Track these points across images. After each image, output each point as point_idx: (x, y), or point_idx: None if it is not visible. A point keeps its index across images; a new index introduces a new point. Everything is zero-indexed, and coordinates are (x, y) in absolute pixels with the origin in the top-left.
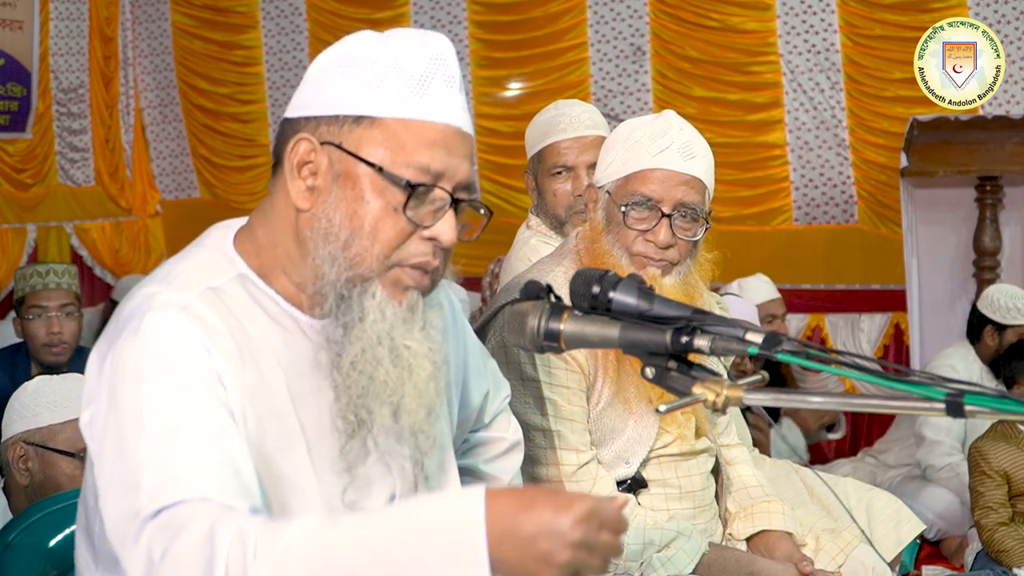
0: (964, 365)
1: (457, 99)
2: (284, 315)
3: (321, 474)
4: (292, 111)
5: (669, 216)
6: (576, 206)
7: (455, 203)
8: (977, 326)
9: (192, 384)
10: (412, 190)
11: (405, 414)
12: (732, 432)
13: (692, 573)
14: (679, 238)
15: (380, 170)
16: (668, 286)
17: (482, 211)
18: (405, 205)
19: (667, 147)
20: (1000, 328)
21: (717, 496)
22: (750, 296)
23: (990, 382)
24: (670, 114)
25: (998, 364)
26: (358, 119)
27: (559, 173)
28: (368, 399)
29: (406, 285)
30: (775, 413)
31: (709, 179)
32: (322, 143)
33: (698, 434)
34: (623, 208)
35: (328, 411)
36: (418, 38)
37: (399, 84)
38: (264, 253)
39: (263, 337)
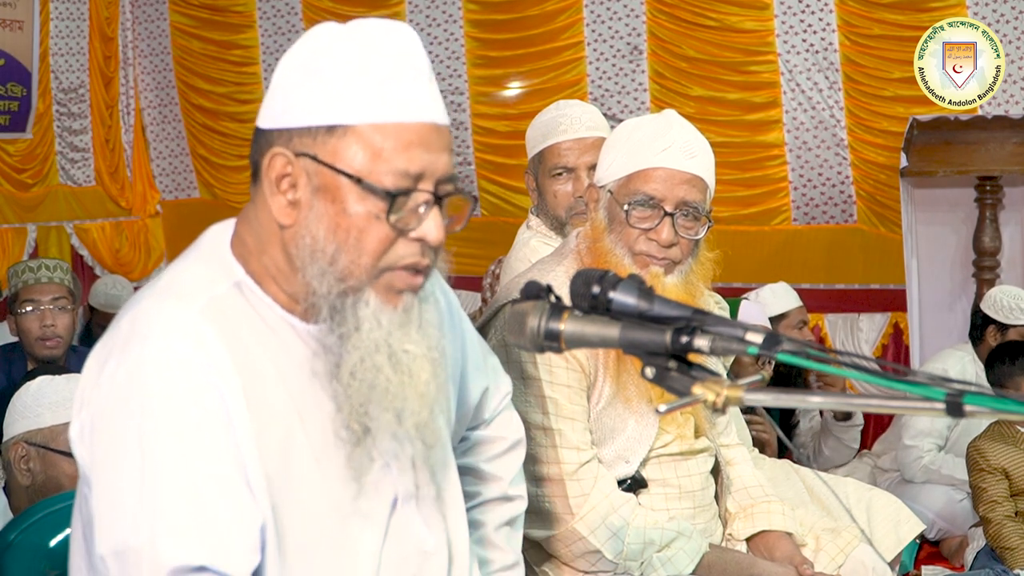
0: (959, 368)
1: (428, 91)
2: (281, 322)
3: (330, 484)
4: (263, 121)
5: (671, 215)
6: (577, 207)
7: (438, 200)
8: (981, 326)
9: (199, 433)
10: (393, 198)
11: (409, 416)
12: (732, 432)
13: (692, 574)
14: (681, 237)
15: (359, 181)
16: (670, 285)
17: (466, 198)
18: (388, 212)
19: (669, 146)
20: (1003, 328)
21: (717, 496)
22: (781, 302)
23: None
24: (671, 113)
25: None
26: (331, 129)
27: (560, 174)
28: (370, 407)
29: (399, 288)
30: (790, 428)
31: (710, 178)
32: (297, 155)
33: (697, 434)
34: (625, 207)
35: (330, 420)
36: (381, 31)
37: (367, 85)
38: (254, 260)
39: (264, 348)
